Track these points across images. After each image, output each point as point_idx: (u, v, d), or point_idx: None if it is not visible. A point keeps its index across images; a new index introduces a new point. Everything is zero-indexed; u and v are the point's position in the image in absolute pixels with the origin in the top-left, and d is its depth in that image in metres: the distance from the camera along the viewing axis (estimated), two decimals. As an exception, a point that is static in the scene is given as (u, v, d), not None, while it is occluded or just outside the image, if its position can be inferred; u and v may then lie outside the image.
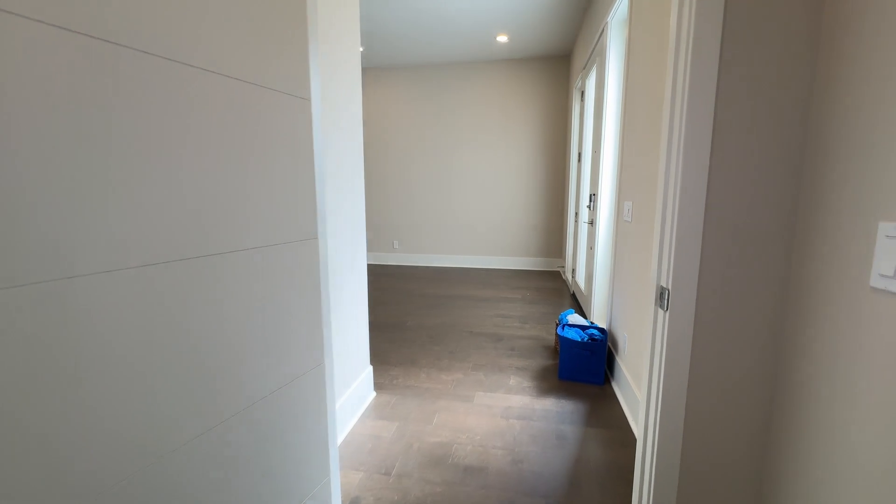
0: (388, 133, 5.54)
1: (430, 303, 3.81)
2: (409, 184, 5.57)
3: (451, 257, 5.60)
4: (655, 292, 0.98)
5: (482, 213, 5.42)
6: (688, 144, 0.88)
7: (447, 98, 5.30)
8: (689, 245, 0.89)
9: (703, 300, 0.91)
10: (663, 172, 0.95)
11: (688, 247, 0.90)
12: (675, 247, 0.90)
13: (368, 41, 4.52)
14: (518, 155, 5.23)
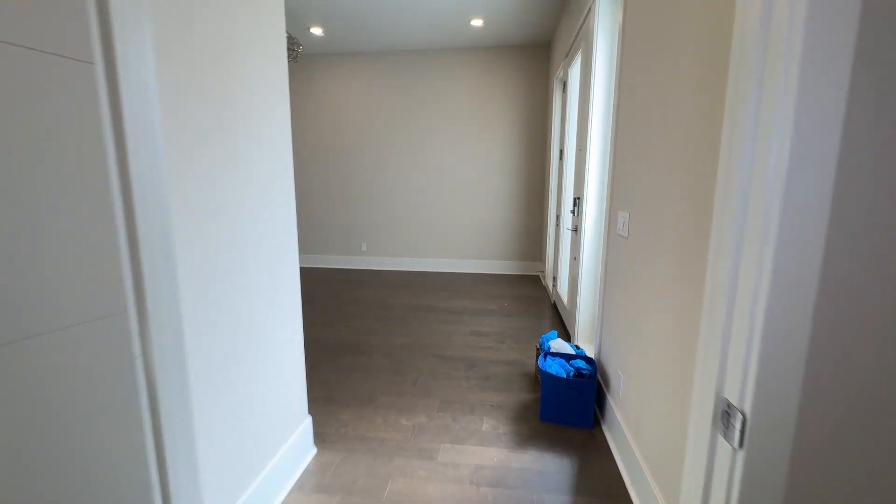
0: (353, 125, 5.06)
1: (399, 316, 3.41)
2: (377, 180, 5.12)
3: (423, 261, 5.19)
4: (707, 405, 0.61)
5: (457, 213, 5.03)
6: (802, 141, 0.50)
7: (418, 88, 4.85)
8: (791, 327, 0.52)
9: (811, 429, 0.54)
10: (738, 194, 0.58)
11: (789, 333, 0.52)
12: (761, 330, 0.53)
13: (329, 23, 4.03)
14: (495, 150, 4.85)
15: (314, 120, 5.12)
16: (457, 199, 5.00)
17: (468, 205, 4.99)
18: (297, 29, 4.12)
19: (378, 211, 5.18)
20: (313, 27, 4.10)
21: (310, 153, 5.20)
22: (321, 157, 5.18)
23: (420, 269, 5.20)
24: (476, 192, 4.95)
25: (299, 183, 5.28)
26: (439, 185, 5.00)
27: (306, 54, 4.88)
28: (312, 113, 5.11)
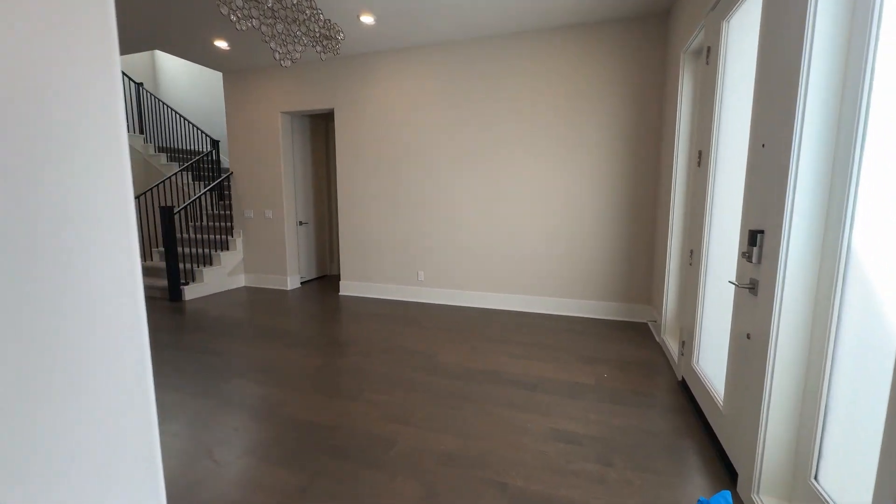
0: (408, 132, 4.28)
1: (447, 389, 2.44)
2: (437, 198, 4.25)
3: (491, 296, 4.18)
4: None
5: (534, 238, 3.95)
6: None
7: (486, 85, 3.92)
8: None
9: None
10: None
11: None
12: None
13: (382, 8, 3.29)
14: (585, 158, 3.71)
15: (362, 128, 4.44)
16: (534, 220, 3.93)
17: (549, 228, 3.89)
18: (344, 17, 3.45)
19: (438, 234, 4.30)
20: (364, 14, 3.40)
21: (359, 165, 4.52)
22: (373, 169, 4.47)
23: (486, 305, 4.20)
24: (560, 211, 3.84)
25: (349, 199, 4.62)
26: (512, 203, 3.98)
27: (355, 52, 4.23)
28: (360, 120, 4.43)
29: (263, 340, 3.25)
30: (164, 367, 2.74)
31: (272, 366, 2.76)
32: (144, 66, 7.53)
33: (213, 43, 4.01)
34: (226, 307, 4.23)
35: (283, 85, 4.71)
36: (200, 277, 4.75)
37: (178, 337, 3.34)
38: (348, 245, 4.71)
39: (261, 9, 2.29)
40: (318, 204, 5.64)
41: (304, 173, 5.31)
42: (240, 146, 5.05)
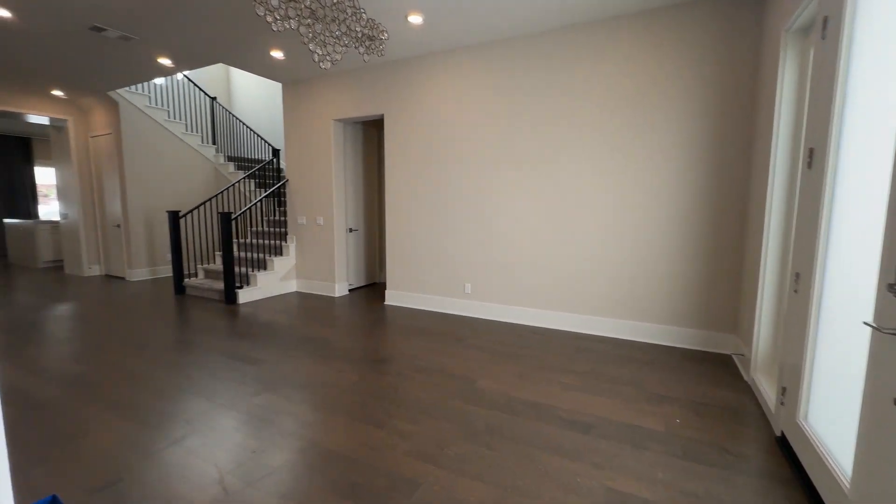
0: (456, 137, 4.06)
1: (486, 422, 2.15)
2: (488, 206, 3.98)
3: (543, 314, 3.81)
4: None
5: (597, 251, 3.53)
6: None
7: (542, 87, 3.60)
8: None
9: None
10: None
11: None
12: None
13: (432, 6, 3.12)
14: (658, 164, 3.24)
15: (410, 134, 4.29)
16: (597, 231, 3.51)
17: (614, 240, 3.45)
18: (391, 17, 3.33)
19: (487, 244, 4.02)
20: (412, 13, 3.25)
21: (406, 171, 4.38)
22: (420, 176, 4.31)
23: (539, 323, 3.83)
24: (626, 221, 3.39)
25: (396, 206, 4.49)
26: (571, 213, 3.60)
27: (403, 57, 4.10)
28: (408, 125, 4.29)
29: (302, 351, 3.18)
30: (202, 373, 2.73)
31: (305, 380, 2.65)
32: (220, 82, 8.10)
33: (270, 53, 4.10)
34: (274, 313, 4.27)
35: (336, 92, 4.73)
36: (255, 282, 4.87)
37: (224, 342, 3.38)
38: (394, 253, 4.59)
39: (298, 9, 2.20)
40: (369, 211, 5.61)
41: (356, 180, 5.30)
42: (295, 154, 5.16)
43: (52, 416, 2.18)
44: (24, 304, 4.59)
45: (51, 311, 4.30)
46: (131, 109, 5.79)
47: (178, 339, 3.44)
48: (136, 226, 5.96)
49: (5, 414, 2.19)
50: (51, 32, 3.63)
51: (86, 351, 3.14)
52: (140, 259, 6.07)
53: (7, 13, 3.27)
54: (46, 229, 7.34)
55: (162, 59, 4.27)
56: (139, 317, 4.09)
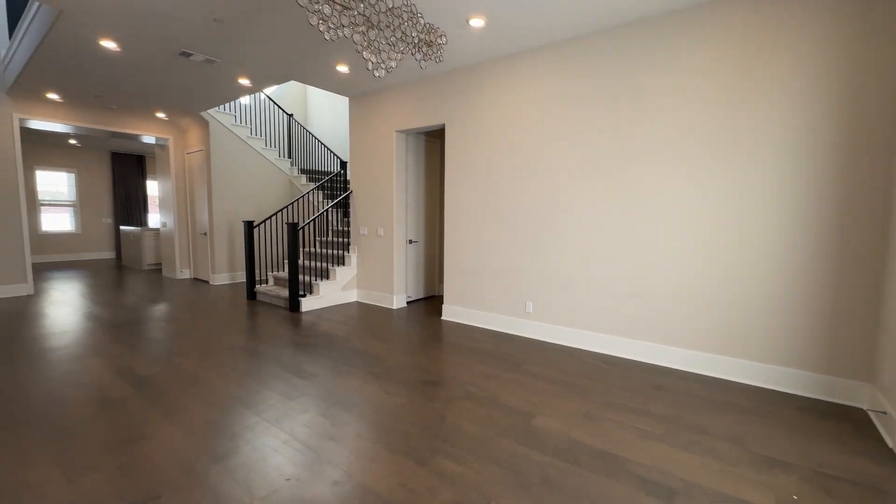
0: (522, 147, 3.79)
1: (540, 474, 1.85)
2: (553, 219, 3.65)
3: (616, 341, 3.37)
4: None
5: (685, 272, 3.05)
6: None
7: (617, 87, 3.22)
8: None
9: None
10: None
11: None
12: None
13: (496, 6, 2.94)
14: (770, 166, 2.71)
15: (471, 143, 4.09)
16: (685, 248, 3.03)
17: (706, 259, 2.95)
18: (451, 21, 3.19)
19: (552, 260, 3.68)
20: (473, 16, 3.08)
21: (466, 181, 4.19)
22: (481, 186, 4.09)
23: (608, 350, 3.40)
24: (724, 236, 2.88)
25: (455, 217, 4.32)
26: (653, 227, 3.16)
27: (464, 64, 3.93)
28: (469, 134, 4.10)
29: (353, 366, 3.10)
30: (257, 384, 2.74)
31: (352, 400, 2.54)
32: (298, 99, 8.63)
33: (336, 68, 4.18)
34: (333, 323, 4.30)
35: (398, 104, 4.72)
36: (317, 290, 4.98)
37: (282, 351, 3.41)
38: (452, 267, 4.41)
39: (352, 16, 2.12)
40: (430, 222, 5.52)
41: (417, 191, 5.24)
42: (359, 166, 5.23)
43: (115, 418, 2.27)
44: (122, 304, 5.12)
45: (142, 312, 4.73)
46: (219, 127, 6.32)
47: (242, 345, 3.55)
48: (219, 234, 6.46)
49: (78, 411, 2.33)
50: (149, 59, 4.02)
51: (161, 353, 3.34)
52: (222, 265, 6.55)
53: (113, 44, 3.67)
54: (150, 236, 8.28)
55: (241, 79, 4.55)
56: (212, 321, 4.34)
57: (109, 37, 3.52)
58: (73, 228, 9.57)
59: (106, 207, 9.96)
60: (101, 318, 4.43)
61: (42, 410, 2.35)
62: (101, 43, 3.64)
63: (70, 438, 2.07)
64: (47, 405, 2.42)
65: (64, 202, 9.47)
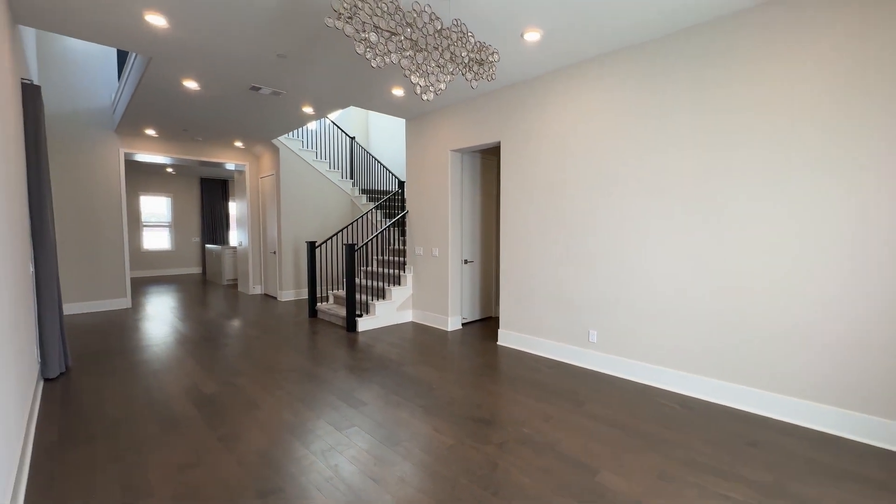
0: (583, 164, 3.52)
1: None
2: (621, 241, 3.33)
3: (700, 382, 2.94)
4: None
5: (783, 301, 2.59)
6: None
7: (692, 94, 2.86)
8: None
9: None
10: None
11: None
12: None
13: (551, 18, 2.77)
14: (882, 187, 2.22)
15: (529, 160, 3.89)
16: (784, 275, 2.58)
17: (812, 287, 2.48)
18: (504, 38, 3.06)
19: (618, 285, 3.34)
20: (528, 30, 2.93)
21: (524, 200, 3.98)
22: (539, 205, 3.86)
23: (689, 391, 2.97)
24: (833, 263, 2.40)
25: (512, 237, 4.12)
26: (740, 251, 2.73)
27: (519, 79, 3.75)
28: (526, 150, 3.90)
29: (404, 396, 3.00)
30: (309, 411, 2.74)
31: (399, 436, 2.43)
32: (359, 122, 8.99)
33: (391, 91, 4.23)
34: (387, 345, 4.27)
35: (452, 123, 4.66)
36: (373, 310, 5.01)
37: (336, 375, 3.42)
38: (509, 290, 4.20)
39: (398, 41, 2.07)
40: (486, 242, 5.36)
41: (472, 210, 5.12)
42: (415, 185, 5.24)
43: (178, 440, 2.36)
44: (200, 319, 5.53)
45: (216, 327, 5.06)
46: (288, 153, 6.72)
47: (299, 367, 3.62)
48: (286, 252, 6.82)
49: (145, 430, 2.47)
50: (224, 95, 4.36)
51: (226, 371, 3.50)
52: (289, 281, 6.90)
53: (194, 84, 4.02)
54: (230, 253, 9.00)
55: (305, 107, 4.78)
56: (276, 339, 4.51)
57: (191, 77, 3.86)
58: (168, 246, 10.72)
59: (195, 227, 11.06)
60: (182, 332, 4.80)
61: (115, 427, 2.52)
62: (185, 83, 4.00)
63: (135, 458, 2.17)
64: (120, 423, 2.59)
65: (162, 223, 10.66)
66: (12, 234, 2.22)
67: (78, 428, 2.51)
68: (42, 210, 3.13)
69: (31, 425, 2.46)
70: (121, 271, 6.15)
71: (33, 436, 2.40)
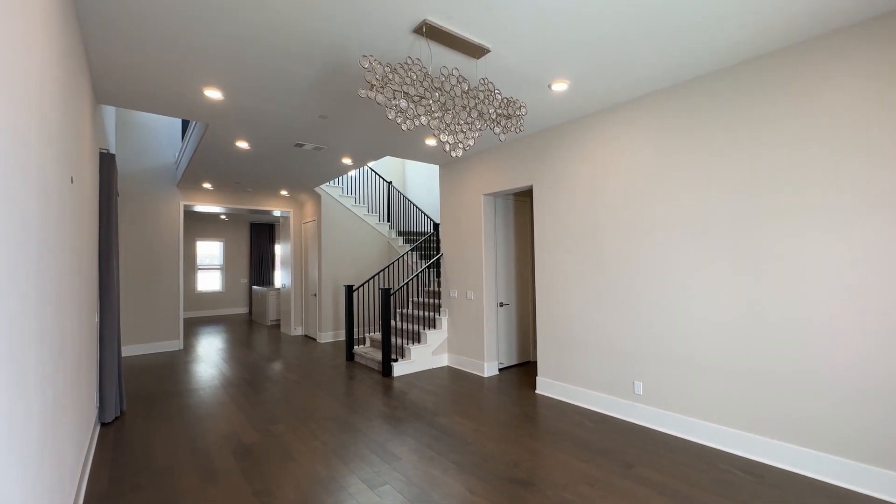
0: (620, 206, 3.44)
1: None
2: (665, 287, 3.17)
3: (762, 442, 2.65)
4: None
5: (865, 359, 2.34)
6: None
7: (735, 134, 2.77)
8: None
9: None
10: None
11: None
12: None
13: (578, 69, 2.82)
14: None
15: (562, 203, 3.85)
16: (844, 323, 2.34)
17: (877, 338, 2.22)
18: (531, 89, 3.13)
19: (665, 334, 3.15)
20: (557, 81, 3.00)
21: (558, 244, 3.91)
22: (575, 249, 3.78)
23: (755, 455, 2.68)
24: None
25: (547, 282, 4.03)
26: (801, 298, 2.52)
27: (549, 125, 3.80)
28: (560, 193, 3.87)
29: (437, 451, 2.91)
30: (342, 464, 2.70)
31: (431, 497, 2.33)
32: (396, 167, 9.36)
33: (425, 142, 4.40)
34: (422, 392, 4.20)
35: (485, 167, 4.75)
36: (409, 355, 4.99)
37: (370, 424, 3.39)
38: (546, 336, 4.06)
39: (426, 105, 2.17)
40: (521, 285, 5.28)
41: (507, 253, 5.10)
42: (449, 229, 5.31)
43: (213, 495, 2.39)
44: (244, 362, 5.73)
45: (259, 371, 5.21)
46: (329, 199, 7.07)
47: (335, 415, 3.62)
48: (326, 295, 7.02)
49: (187, 480, 2.52)
50: (271, 152, 4.71)
51: (265, 418, 3.56)
52: (328, 323, 7.05)
53: (245, 144, 4.38)
54: (274, 295, 9.39)
55: (344, 159, 5.06)
56: (313, 384, 4.57)
57: (242, 139, 4.21)
58: (219, 287, 11.36)
59: (244, 269, 11.70)
60: (226, 375, 4.97)
61: (159, 478, 2.59)
62: (237, 144, 4.37)
63: (175, 514, 2.21)
64: (164, 474, 2.66)
65: (215, 266, 11.37)
66: (83, 288, 2.44)
67: (127, 476, 2.61)
68: (109, 264, 3.44)
69: (86, 472, 2.59)
70: (175, 314, 6.55)
71: (86, 483, 2.51)
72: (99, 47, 2.46)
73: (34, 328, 1.34)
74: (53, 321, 1.63)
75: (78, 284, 2.27)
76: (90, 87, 2.86)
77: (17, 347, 1.14)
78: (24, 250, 1.21)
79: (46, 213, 1.50)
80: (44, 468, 1.47)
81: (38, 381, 1.38)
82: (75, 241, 2.16)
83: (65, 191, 1.86)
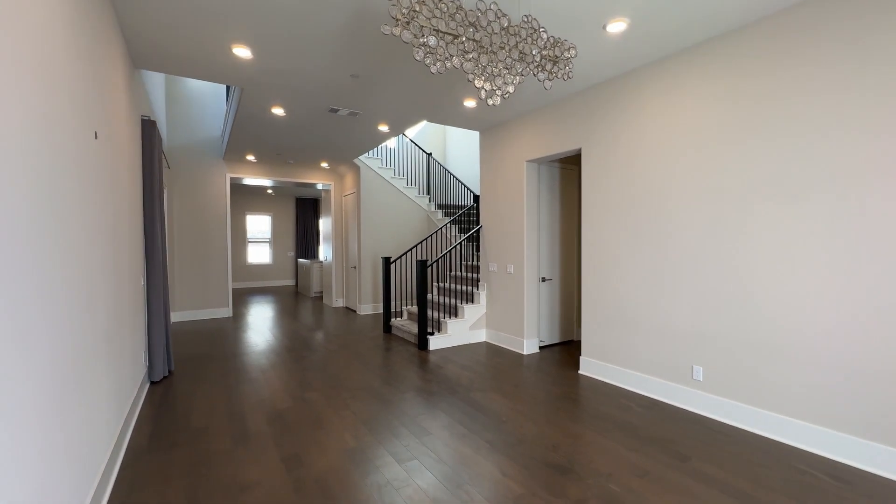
0: (681, 171, 3.00)
1: None
2: (737, 257, 2.75)
3: (850, 442, 2.25)
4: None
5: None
6: None
7: (817, 81, 2.26)
8: None
9: None
10: None
11: None
12: None
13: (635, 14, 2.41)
14: None
15: (615, 168, 3.44)
16: (983, 311, 1.86)
17: None
18: (581, 30, 2.74)
19: (732, 313, 2.75)
20: (613, 20, 2.59)
21: (609, 214, 3.53)
22: (628, 219, 3.39)
23: (838, 456, 2.29)
24: None
25: (595, 256, 3.69)
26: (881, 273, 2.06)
27: (602, 79, 3.35)
28: (612, 158, 3.46)
29: (470, 428, 2.75)
30: (372, 435, 2.62)
31: (461, 478, 2.18)
32: (437, 138, 9.08)
33: (464, 104, 4.10)
34: (457, 367, 4.06)
35: (528, 132, 4.38)
36: (445, 329, 4.86)
37: (402, 397, 3.30)
38: (592, 314, 3.75)
39: (460, 43, 1.90)
40: (566, 259, 4.93)
41: (551, 225, 4.75)
42: (489, 199, 5.04)
43: (243, 458, 2.38)
44: (287, 330, 5.87)
45: (300, 339, 5.31)
46: (368, 171, 6.98)
47: (368, 385, 3.57)
48: (365, 267, 7.03)
49: (221, 442, 2.54)
50: (307, 118, 4.61)
51: (300, 385, 3.58)
52: (367, 295, 7.08)
53: (281, 110, 4.30)
54: (317, 267, 9.60)
55: (381, 126, 4.88)
56: (350, 354, 4.57)
57: (277, 104, 4.13)
58: (268, 260, 11.82)
59: (290, 242, 12.07)
60: (270, 342, 5.10)
61: (196, 437, 2.64)
62: (273, 110, 4.30)
63: (205, 472, 2.22)
64: (200, 433, 2.71)
65: (264, 239, 11.81)
66: (120, 248, 2.47)
67: (166, 434, 2.68)
68: (153, 230, 3.52)
69: (130, 424, 2.69)
70: (224, 283, 6.83)
71: (129, 438, 2.61)
72: (127, 6, 2.39)
73: (33, 271, 1.27)
74: (71, 271, 1.59)
75: (111, 242, 2.28)
76: (124, 49, 2.83)
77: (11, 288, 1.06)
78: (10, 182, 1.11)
79: (53, 158, 1.42)
80: (64, 413, 1.45)
81: (45, 332, 1.33)
82: (104, 197, 2.14)
83: (84, 142, 1.80)
